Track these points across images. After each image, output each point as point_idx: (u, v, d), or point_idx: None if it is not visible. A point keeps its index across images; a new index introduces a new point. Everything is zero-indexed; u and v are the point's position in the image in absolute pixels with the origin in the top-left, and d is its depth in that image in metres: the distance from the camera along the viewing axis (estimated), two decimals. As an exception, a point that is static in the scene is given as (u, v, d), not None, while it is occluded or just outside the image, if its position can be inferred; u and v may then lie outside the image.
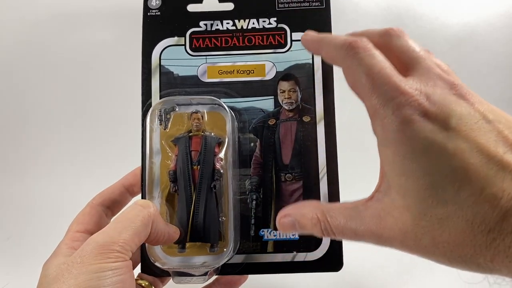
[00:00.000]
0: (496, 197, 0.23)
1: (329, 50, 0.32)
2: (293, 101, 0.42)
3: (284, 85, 0.42)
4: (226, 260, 0.40)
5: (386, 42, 0.32)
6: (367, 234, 0.28)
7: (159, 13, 0.43)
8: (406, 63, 0.30)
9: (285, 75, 0.42)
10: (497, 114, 0.27)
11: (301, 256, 0.40)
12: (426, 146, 0.25)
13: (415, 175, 0.25)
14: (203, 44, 0.43)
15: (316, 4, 0.43)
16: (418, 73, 0.29)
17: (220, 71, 0.43)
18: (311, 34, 0.36)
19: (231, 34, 0.43)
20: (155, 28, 0.43)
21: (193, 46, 0.43)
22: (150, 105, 0.42)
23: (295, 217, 0.33)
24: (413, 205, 0.25)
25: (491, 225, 0.23)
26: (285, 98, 0.42)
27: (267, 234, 0.41)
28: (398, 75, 0.28)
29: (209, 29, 0.43)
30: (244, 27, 0.43)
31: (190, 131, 0.41)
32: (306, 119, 0.42)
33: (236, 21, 0.43)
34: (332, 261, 0.40)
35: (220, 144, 0.41)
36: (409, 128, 0.26)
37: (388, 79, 0.28)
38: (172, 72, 0.43)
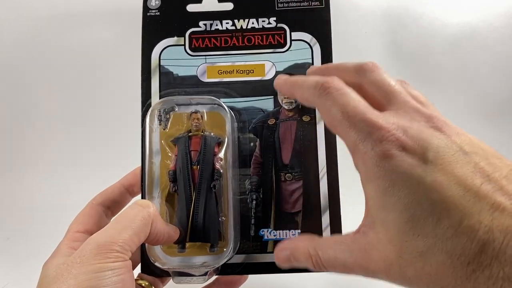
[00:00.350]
0: (473, 229, 0.24)
1: (302, 92, 0.33)
2: (293, 101, 0.42)
3: (283, 85, 0.42)
4: (226, 260, 0.40)
5: (361, 77, 0.32)
6: (355, 267, 0.29)
7: (158, 13, 0.43)
8: (382, 98, 0.31)
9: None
10: (474, 145, 0.27)
11: (301, 256, 0.40)
12: (405, 180, 0.26)
13: (396, 208, 0.26)
14: (203, 44, 0.43)
15: (316, 3, 0.43)
16: (395, 107, 0.30)
17: (220, 71, 0.43)
18: (283, 78, 0.37)
19: (230, 34, 0.43)
20: (154, 28, 0.43)
21: (193, 46, 0.43)
22: (149, 105, 0.42)
23: (290, 251, 0.34)
24: (396, 238, 0.26)
25: (470, 257, 0.23)
26: (284, 98, 0.42)
27: (267, 234, 0.41)
28: (373, 110, 0.29)
29: (208, 29, 0.43)
30: (244, 27, 0.43)
31: (189, 131, 0.41)
32: (306, 118, 0.42)
33: (236, 21, 0.43)
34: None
35: (219, 144, 0.41)
36: (388, 162, 0.26)
37: (363, 116, 0.28)
38: (172, 72, 0.43)
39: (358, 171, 0.29)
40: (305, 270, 0.40)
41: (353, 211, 0.48)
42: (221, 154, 0.41)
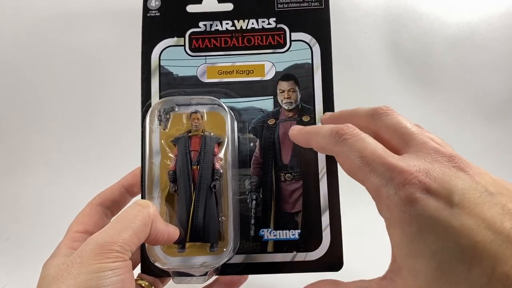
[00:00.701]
0: (508, 277, 0.23)
1: (318, 141, 0.33)
2: (293, 101, 0.42)
3: (283, 85, 0.42)
4: (226, 260, 0.40)
5: (376, 121, 0.32)
6: None
7: (158, 13, 0.43)
8: (400, 140, 0.30)
9: (284, 75, 0.42)
10: (498, 185, 0.26)
11: (301, 256, 0.40)
12: (432, 225, 0.25)
13: (424, 255, 0.25)
14: (203, 44, 0.43)
15: (315, 4, 0.43)
16: (414, 149, 0.29)
17: (220, 71, 0.43)
18: (297, 128, 0.37)
19: (230, 35, 0.43)
20: (154, 28, 0.43)
21: (193, 47, 0.43)
22: (149, 105, 0.42)
23: None
24: (425, 286, 0.25)
25: None
26: (284, 98, 0.42)
27: (267, 234, 0.41)
28: (392, 154, 0.28)
29: (208, 29, 0.43)
30: (244, 28, 0.43)
31: (189, 131, 0.41)
32: (306, 119, 0.42)
33: (236, 21, 0.43)
34: (332, 261, 0.40)
35: (219, 144, 0.41)
36: (413, 207, 0.25)
37: (383, 160, 0.28)
38: (172, 73, 0.43)
39: (382, 216, 0.28)
40: (305, 270, 0.41)
41: (353, 211, 0.48)
42: (221, 154, 0.41)
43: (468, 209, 0.25)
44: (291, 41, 0.43)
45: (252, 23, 0.43)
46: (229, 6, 0.43)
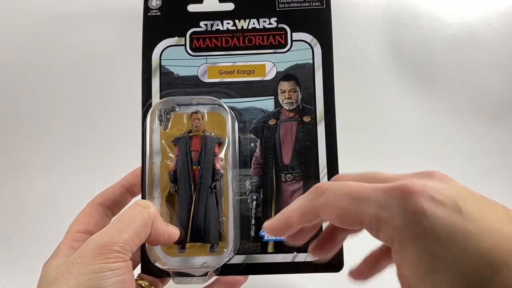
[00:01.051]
0: None
1: (298, 211, 0.30)
2: (294, 101, 0.42)
3: (284, 85, 0.42)
4: (226, 260, 0.40)
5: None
6: None
7: (159, 13, 0.43)
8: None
9: (285, 75, 0.42)
10: (488, 199, 0.26)
11: (301, 257, 0.40)
12: (451, 234, 0.23)
13: (447, 267, 0.23)
14: (203, 44, 0.43)
15: (317, 4, 0.43)
16: (400, 178, 0.28)
17: (220, 71, 0.42)
18: (270, 223, 0.32)
19: (231, 34, 0.43)
20: (155, 28, 0.43)
21: (193, 46, 0.43)
22: (150, 105, 0.42)
23: None
24: None
25: None
26: (285, 98, 0.42)
27: (268, 234, 0.41)
28: (378, 184, 0.26)
29: (209, 29, 0.43)
30: (245, 27, 0.43)
31: (190, 131, 0.41)
32: (307, 119, 0.42)
33: (237, 21, 0.43)
34: (333, 261, 0.40)
35: (220, 144, 0.41)
36: (425, 218, 0.24)
37: (373, 187, 0.26)
38: (172, 72, 0.43)
39: (388, 243, 0.26)
40: (306, 271, 0.41)
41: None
42: (222, 155, 0.41)
43: (476, 213, 0.24)
44: (292, 41, 0.43)
45: (253, 23, 0.43)
46: (230, 6, 0.43)
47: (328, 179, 0.41)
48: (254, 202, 0.41)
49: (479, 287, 0.22)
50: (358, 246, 0.42)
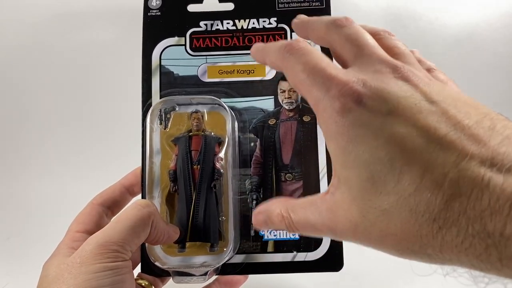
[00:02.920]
0: (437, 184, 0.22)
1: (270, 57, 0.32)
2: (293, 100, 0.42)
3: (284, 85, 0.42)
4: (226, 260, 0.40)
5: (332, 33, 0.30)
6: (324, 229, 0.28)
7: (159, 13, 0.43)
8: (350, 54, 0.29)
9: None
10: (445, 94, 0.25)
11: (301, 256, 0.40)
12: (363, 135, 0.24)
13: (356, 166, 0.24)
14: (203, 44, 0.43)
15: (316, 4, 0.43)
16: (359, 61, 0.28)
17: (220, 71, 0.43)
18: (257, 45, 0.35)
19: (231, 34, 0.43)
20: (155, 28, 0.43)
21: (193, 46, 0.43)
22: (150, 105, 0.42)
23: (266, 214, 0.32)
24: (358, 197, 0.24)
25: (435, 214, 0.21)
26: (285, 98, 0.42)
27: (267, 234, 0.41)
28: (334, 67, 0.27)
29: (209, 29, 0.43)
30: (244, 27, 0.43)
31: (190, 131, 0.41)
32: (306, 118, 0.42)
33: (236, 21, 0.43)
34: (333, 261, 0.40)
35: (220, 143, 0.41)
36: (345, 118, 0.25)
37: (324, 72, 0.27)
38: (172, 72, 0.43)
39: (322, 130, 0.28)
40: (305, 271, 0.41)
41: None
42: (222, 154, 0.41)
43: (401, 116, 0.24)
44: (292, 41, 0.43)
45: (253, 23, 0.43)
46: (230, 6, 0.43)
47: (328, 179, 0.41)
48: (254, 202, 0.41)
49: (381, 190, 0.23)
50: (358, 246, 0.42)
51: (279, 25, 0.43)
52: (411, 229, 0.22)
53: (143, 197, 0.41)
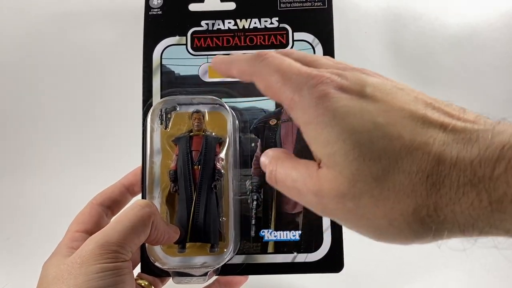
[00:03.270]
0: (427, 144, 0.23)
1: (240, 66, 0.32)
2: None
3: (285, 85, 0.42)
4: (226, 260, 0.40)
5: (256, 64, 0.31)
6: (307, 192, 0.27)
7: (160, 12, 0.43)
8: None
9: (286, 75, 0.42)
10: (408, 88, 0.27)
11: (301, 257, 0.40)
12: (346, 111, 0.25)
13: (340, 138, 0.25)
14: (205, 43, 0.43)
15: (318, 4, 0.43)
16: (324, 67, 0.29)
17: (221, 71, 0.42)
18: (219, 57, 0.35)
19: (232, 34, 0.43)
20: (156, 27, 0.43)
21: (195, 46, 0.43)
22: (151, 104, 0.42)
23: (266, 156, 0.32)
24: (346, 168, 0.24)
25: (428, 170, 0.22)
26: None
27: (268, 234, 0.41)
28: (307, 67, 0.28)
29: (210, 28, 0.43)
30: (246, 27, 0.43)
31: (191, 131, 0.41)
32: (307, 119, 0.42)
33: (238, 20, 0.43)
34: (333, 262, 0.40)
35: (221, 144, 0.41)
36: (327, 100, 0.25)
37: (297, 70, 0.28)
38: (173, 72, 0.43)
39: (297, 124, 0.28)
40: (306, 272, 0.41)
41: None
42: (222, 154, 0.41)
43: (380, 98, 0.25)
44: (293, 41, 0.43)
45: (255, 23, 0.43)
46: (231, 5, 0.43)
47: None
48: (255, 202, 0.41)
49: (370, 157, 0.24)
50: (358, 246, 0.42)
51: (281, 25, 0.43)
52: (405, 190, 0.23)
53: (143, 197, 0.40)
